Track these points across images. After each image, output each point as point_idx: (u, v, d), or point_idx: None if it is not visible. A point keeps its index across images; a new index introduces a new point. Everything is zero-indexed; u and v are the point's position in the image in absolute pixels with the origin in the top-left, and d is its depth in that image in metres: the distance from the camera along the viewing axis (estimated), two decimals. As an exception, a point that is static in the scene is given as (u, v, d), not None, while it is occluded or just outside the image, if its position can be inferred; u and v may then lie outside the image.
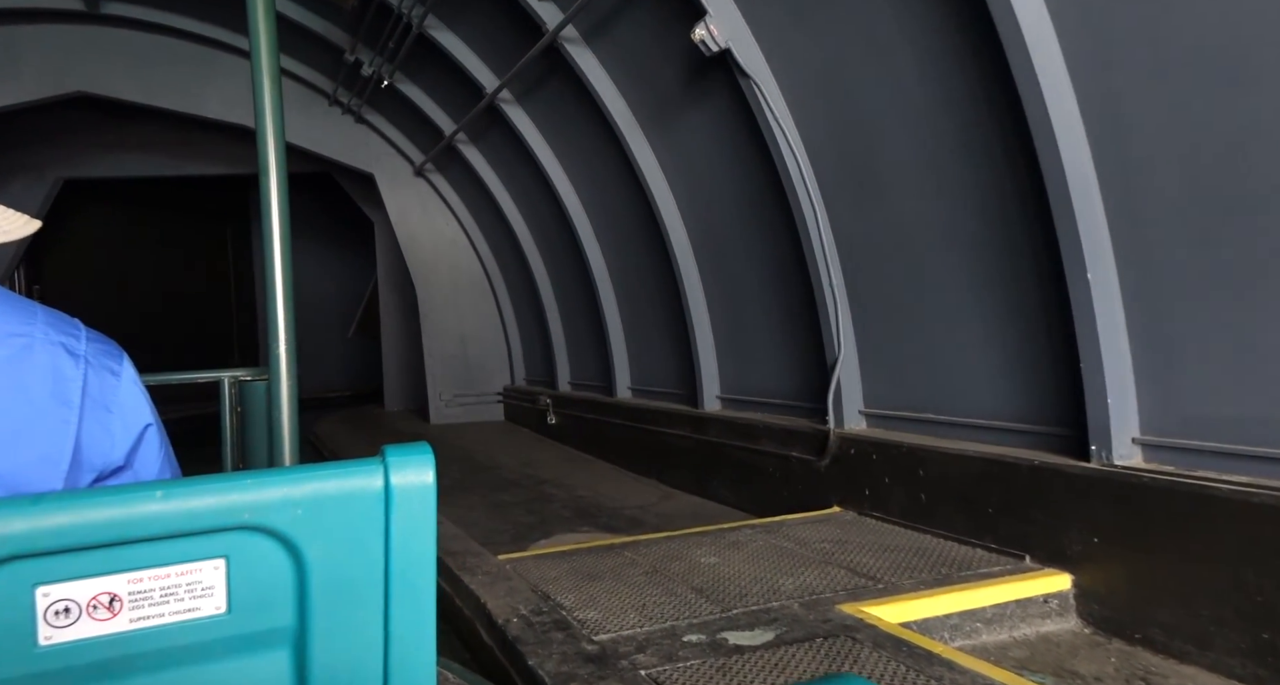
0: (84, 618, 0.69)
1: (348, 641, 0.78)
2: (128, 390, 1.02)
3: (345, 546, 0.76)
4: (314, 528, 0.74)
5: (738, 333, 6.06)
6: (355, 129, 10.99)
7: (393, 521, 0.76)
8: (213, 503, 0.71)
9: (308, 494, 0.74)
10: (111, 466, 0.99)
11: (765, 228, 5.38)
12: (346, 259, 20.17)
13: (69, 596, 0.68)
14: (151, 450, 1.05)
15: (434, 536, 0.80)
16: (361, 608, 0.78)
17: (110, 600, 0.70)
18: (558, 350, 9.54)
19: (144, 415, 1.04)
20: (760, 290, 5.66)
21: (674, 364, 7.05)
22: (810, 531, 4.23)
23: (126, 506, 0.68)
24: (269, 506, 0.72)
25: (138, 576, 0.70)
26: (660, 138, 6.17)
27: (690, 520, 5.55)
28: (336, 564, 0.76)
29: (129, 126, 12.36)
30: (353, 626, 0.78)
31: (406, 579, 0.78)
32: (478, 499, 6.61)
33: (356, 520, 0.76)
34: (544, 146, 7.82)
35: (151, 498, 0.69)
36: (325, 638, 0.77)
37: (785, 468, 5.17)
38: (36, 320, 0.96)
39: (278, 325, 1.98)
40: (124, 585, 0.70)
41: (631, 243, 7.30)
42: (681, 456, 6.53)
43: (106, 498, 0.69)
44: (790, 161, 4.68)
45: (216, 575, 0.73)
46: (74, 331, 0.99)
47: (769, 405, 5.66)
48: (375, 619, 0.78)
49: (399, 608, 0.78)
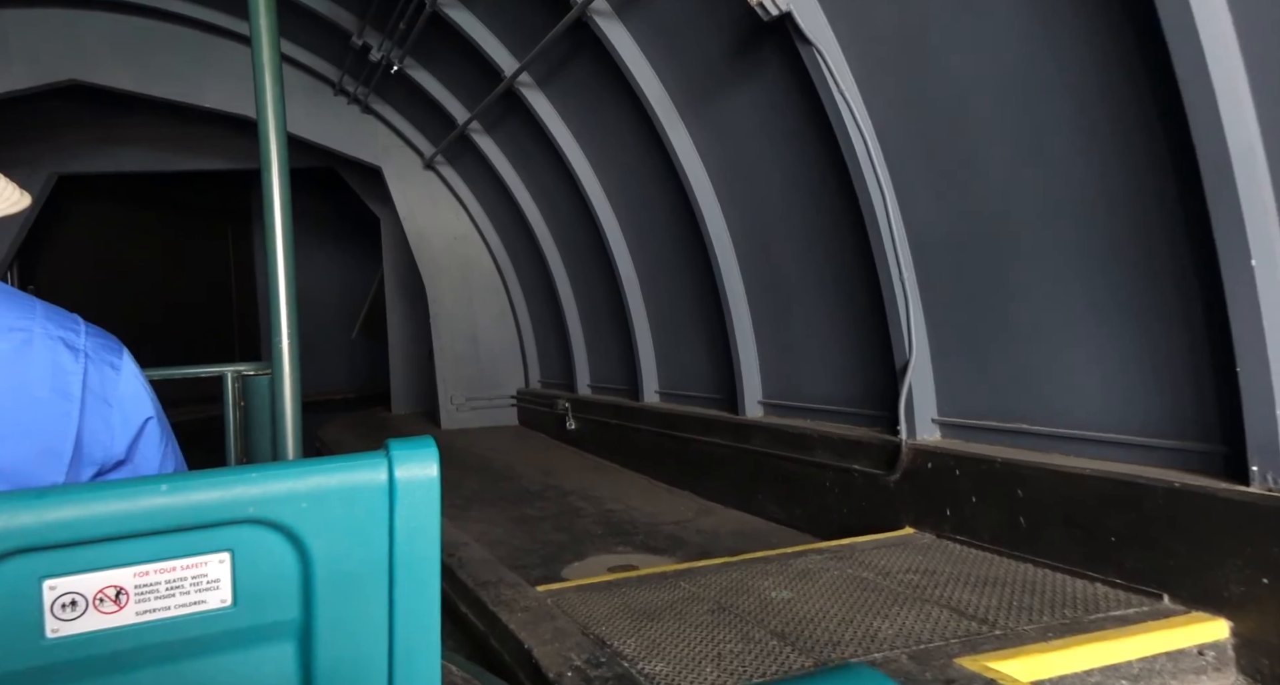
0: (91, 611, 0.69)
1: (353, 635, 0.79)
2: (128, 384, 1.02)
3: (350, 540, 0.76)
4: (319, 521, 0.74)
5: (784, 333, 5.55)
6: (362, 120, 10.49)
7: (397, 515, 0.76)
8: (218, 496, 0.71)
9: (312, 488, 0.74)
10: (112, 460, 0.99)
11: (821, 217, 4.88)
12: (350, 258, 19.70)
13: (76, 589, 0.69)
14: (152, 443, 1.05)
15: (438, 530, 0.79)
16: (366, 601, 0.78)
17: (117, 593, 0.70)
18: (576, 351, 9.04)
19: (144, 408, 1.04)
20: (812, 285, 5.16)
21: (709, 367, 6.55)
22: (888, 558, 3.73)
23: (132, 500, 0.69)
24: (274, 500, 0.72)
25: (144, 570, 0.71)
26: (700, 121, 5.66)
27: (738, 540, 5.06)
28: (341, 557, 0.76)
29: (125, 119, 11.88)
30: (358, 620, 0.78)
31: (411, 572, 0.78)
32: (499, 513, 6.11)
33: (361, 514, 0.76)
34: (566, 134, 7.31)
35: (157, 491, 0.69)
36: (330, 631, 0.77)
37: (845, 482, 4.67)
38: (35, 315, 0.96)
39: (280, 319, 1.92)
40: (130, 578, 0.70)
41: (661, 235, 6.80)
42: (720, 467, 6.02)
43: (113, 491, 0.70)
44: (857, 142, 4.18)
45: (222, 569, 0.73)
46: (73, 326, 0.99)
47: (822, 412, 5.15)
48: (380, 612, 0.78)
49: (404, 601, 0.78)
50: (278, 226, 1.99)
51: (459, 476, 7.58)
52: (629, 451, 7.56)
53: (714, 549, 4.90)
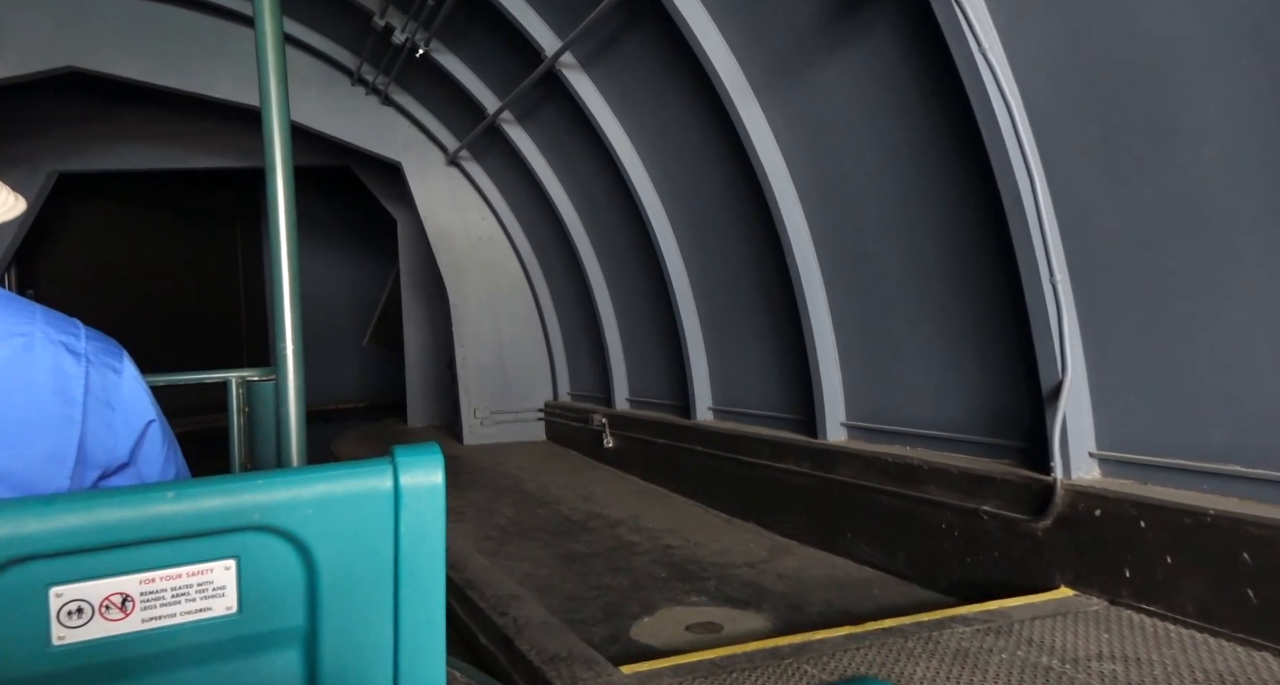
0: (97, 618, 0.69)
1: (358, 641, 0.78)
2: (129, 387, 1.02)
3: (355, 547, 0.75)
4: (324, 528, 0.74)
5: (877, 344, 4.78)
6: (381, 112, 9.77)
7: (402, 522, 0.76)
8: (224, 503, 0.71)
9: (318, 494, 0.73)
10: (116, 463, 0.98)
11: (935, 205, 4.11)
12: (362, 262, 19.01)
13: (82, 597, 0.68)
14: (155, 446, 1.05)
15: (444, 537, 0.78)
16: (371, 608, 0.77)
17: (123, 601, 0.69)
18: (614, 362, 8.28)
19: (146, 412, 1.04)
20: (917, 287, 4.39)
21: (777, 382, 5.78)
22: (1063, 635, 2.95)
23: (138, 507, 0.69)
24: (279, 507, 0.72)
25: (150, 577, 0.70)
26: (778, 100, 4.91)
27: (832, 590, 4.28)
28: (346, 564, 0.75)
29: (129, 113, 11.24)
30: (363, 626, 0.77)
31: (416, 579, 0.77)
32: (542, 548, 5.35)
33: (366, 520, 0.75)
34: (612, 121, 6.57)
35: (163, 499, 0.69)
36: (335, 638, 0.77)
37: (969, 526, 3.89)
38: (36, 320, 0.96)
39: (285, 324, 1.87)
40: (136, 586, 0.70)
41: (721, 230, 6.05)
42: (796, 498, 5.25)
43: (119, 498, 0.70)
44: (999, 109, 3.41)
45: (227, 575, 0.72)
46: (74, 330, 1.00)
47: (929, 439, 4.38)
48: (385, 619, 0.78)
49: (409, 608, 0.78)
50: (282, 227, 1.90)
51: (490, 501, 6.83)
52: (679, 475, 6.79)
53: (807, 601, 4.14)
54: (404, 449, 0.78)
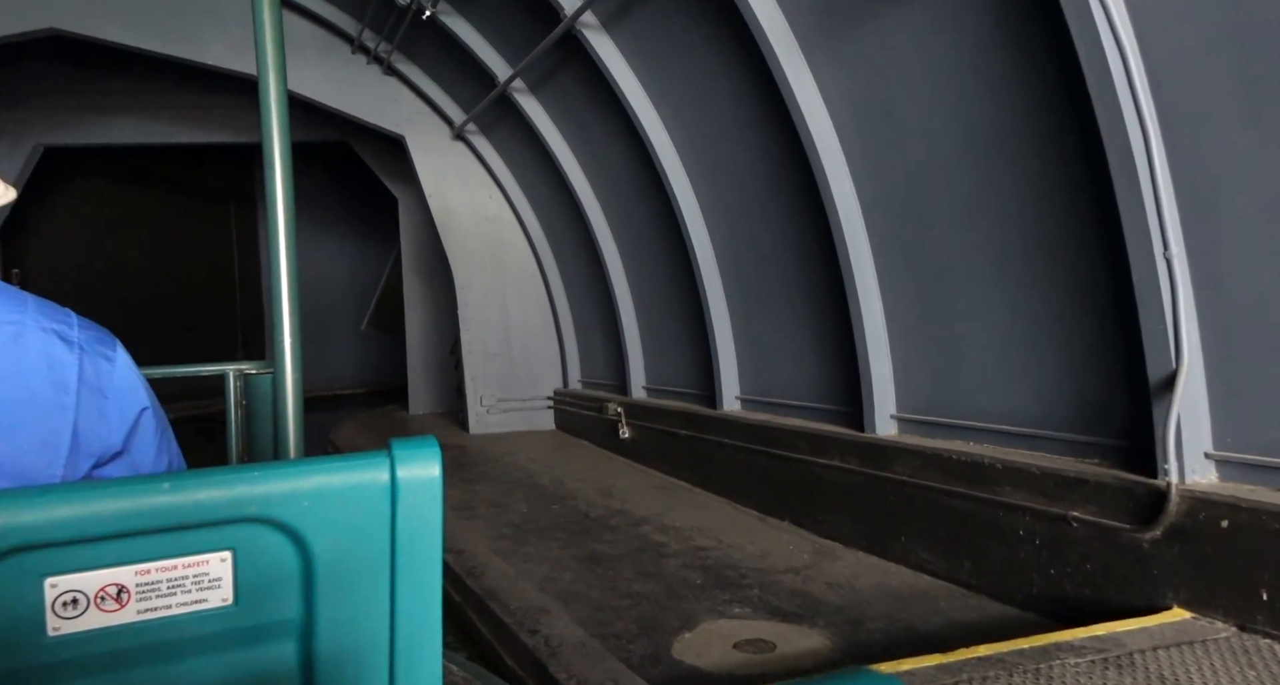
0: (92, 609, 0.68)
1: (354, 633, 0.77)
2: (122, 375, 1.01)
3: (351, 539, 0.75)
4: (320, 520, 0.73)
5: (937, 327, 4.33)
6: (384, 83, 9.26)
7: (399, 514, 0.75)
8: (220, 495, 0.70)
9: (314, 487, 0.73)
10: (110, 452, 0.98)
11: (1017, 166, 3.64)
12: (360, 243, 18.52)
13: (77, 588, 0.68)
14: (148, 434, 1.04)
15: (440, 530, 0.77)
16: (368, 600, 0.77)
17: (118, 592, 0.69)
18: (630, 347, 7.82)
19: (140, 400, 1.03)
20: (986, 262, 3.93)
21: (815, 369, 5.33)
22: (1196, 669, 2.51)
23: (134, 498, 0.68)
24: (276, 499, 0.72)
25: (145, 568, 0.70)
26: (830, 58, 4.43)
27: (892, 603, 3.84)
28: (343, 556, 0.75)
29: (118, 84, 10.73)
30: (359, 618, 0.77)
31: (412, 571, 0.77)
32: (562, 549, 4.90)
33: (363, 513, 0.75)
34: (636, 87, 6.08)
35: (159, 490, 0.68)
36: (331, 629, 0.76)
37: (1055, 534, 3.44)
38: (27, 308, 0.95)
39: (282, 317, 1.85)
40: (132, 577, 0.69)
41: (754, 203, 5.58)
42: (840, 497, 4.81)
43: (114, 489, 0.70)
44: (1111, 53, 2.93)
45: (223, 567, 0.72)
46: (66, 318, 0.99)
47: (1003, 435, 3.92)
48: (381, 611, 0.77)
49: (405, 600, 0.77)
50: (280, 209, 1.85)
51: (502, 495, 6.38)
52: (704, 469, 6.35)
53: (866, 615, 3.69)
54: (401, 442, 0.77)
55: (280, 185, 1.84)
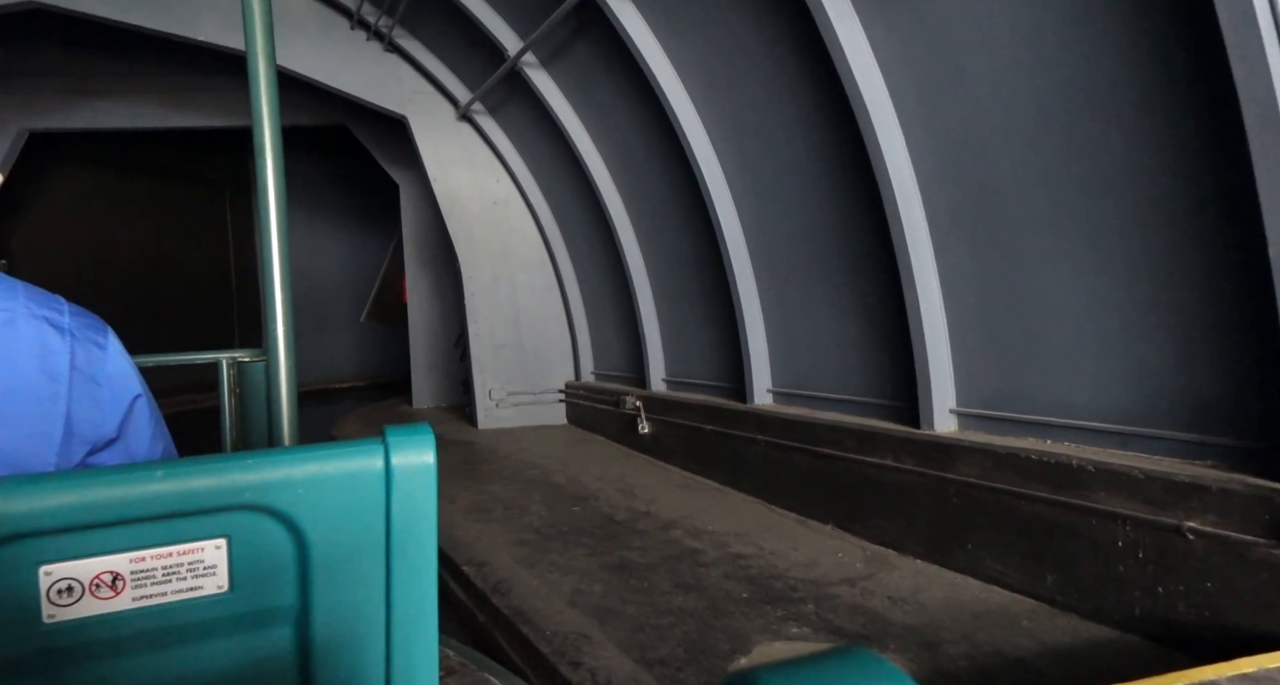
0: (87, 596, 0.68)
1: (349, 620, 0.78)
2: (115, 362, 1.01)
3: (346, 526, 0.75)
4: (315, 507, 0.73)
5: (1007, 310, 3.89)
6: (384, 60, 8.79)
7: (394, 501, 0.75)
8: (214, 482, 0.71)
9: (309, 474, 0.73)
10: (104, 439, 0.98)
11: (1109, 128, 3.20)
12: (359, 231, 18.08)
13: (72, 575, 0.68)
14: (142, 421, 1.04)
15: (434, 516, 0.76)
16: (363, 586, 0.77)
17: (113, 579, 0.69)
18: (649, 337, 7.39)
19: (132, 386, 1.03)
20: (1072, 230, 3.49)
21: (858, 358, 4.91)
22: (1384, 716, 2.08)
23: (129, 486, 0.68)
24: (270, 486, 0.72)
25: (140, 556, 0.70)
26: (884, 16, 3.98)
27: (967, 620, 3.42)
28: (338, 543, 0.75)
29: (107, 67, 10.28)
30: (354, 605, 0.77)
31: (408, 558, 0.77)
32: (589, 556, 4.48)
33: (358, 500, 0.75)
34: (659, 55, 5.62)
35: (153, 478, 0.68)
36: (327, 616, 0.77)
37: (1164, 546, 3.02)
38: (18, 296, 0.95)
39: (275, 303, 1.83)
40: (126, 564, 0.69)
41: (788, 176, 5.13)
42: (893, 499, 4.39)
43: (109, 477, 0.70)
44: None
45: (218, 554, 0.72)
46: (57, 306, 0.98)
47: (1092, 433, 3.49)
48: (377, 598, 0.77)
49: (400, 586, 0.77)
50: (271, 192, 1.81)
51: (518, 496, 5.96)
52: (733, 467, 5.93)
53: (942, 637, 3.27)
54: (395, 429, 0.75)
55: (271, 165, 1.77)
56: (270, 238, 1.81)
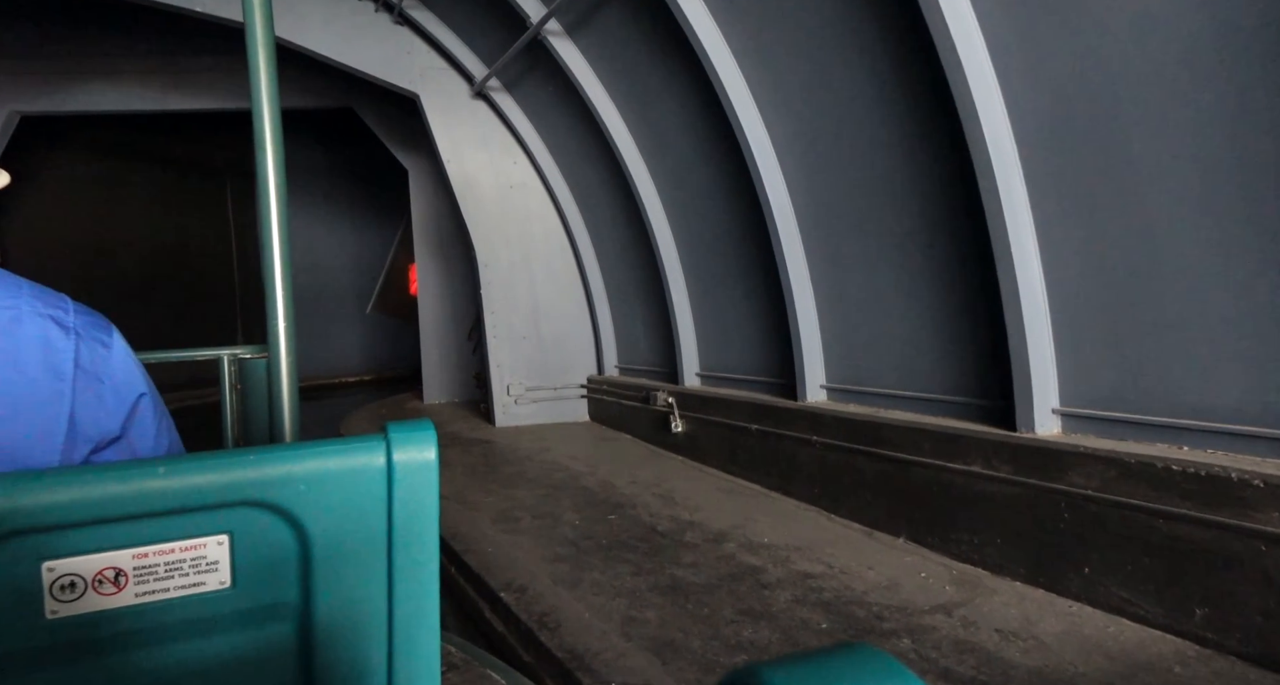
0: (90, 592, 0.68)
1: (352, 616, 0.77)
2: (119, 361, 1.01)
3: (348, 522, 0.75)
4: (317, 503, 0.73)
5: (1124, 290, 3.33)
6: (394, 33, 8.23)
7: (395, 497, 0.75)
8: (217, 479, 0.70)
9: (311, 470, 0.73)
10: (108, 437, 0.97)
11: None
12: (365, 221, 17.54)
13: (74, 571, 0.67)
14: (146, 419, 1.03)
15: (436, 512, 0.76)
16: (365, 582, 0.77)
17: (115, 575, 0.69)
18: (682, 329, 6.84)
19: (137, 385, 1.02)
20: (1222, 196, 2.93)
21: (931, 349, 4.35)
22: None
23: (131, 482, 0.68)
24: (273, 482, 0.72)
25: (142, 552, 0.69)
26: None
27: (1103, 663, 2.87)
28: (340, 539, 0.75)
29: (101, 47, 9.74)
30: (356, 601, 0.77)
31: (409, 554, 0.77)
32: (635, 575, 3.94)
33: (359, 496, 0.74)
34: (708, 23, 5.05)
35: (155, 474, 0.68)
36: (329, 611, 0.76)
37: (1363, 577, 2.46)
38: (22, 293, 0.94)
39: (276, 298, 1.78)
40: (129, 560, 0.69)
41: (851, 146, 4.57)
42: (984, 512, 3.83)
43: (111, 473, 0.69)
44: None
45: (221, 550, 0.72)
46: (62, 304, 0.98)
47: (1246, 439, 2.93)
48: (379, 594, 0.77)
49: (402, 582, 0.77)
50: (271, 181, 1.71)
51: (546, 502, 5.41)
52: (784, 471, 5.38)
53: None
54: (397, 425, 0.75)
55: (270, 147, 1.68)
56: (270, 229, 1.73)
